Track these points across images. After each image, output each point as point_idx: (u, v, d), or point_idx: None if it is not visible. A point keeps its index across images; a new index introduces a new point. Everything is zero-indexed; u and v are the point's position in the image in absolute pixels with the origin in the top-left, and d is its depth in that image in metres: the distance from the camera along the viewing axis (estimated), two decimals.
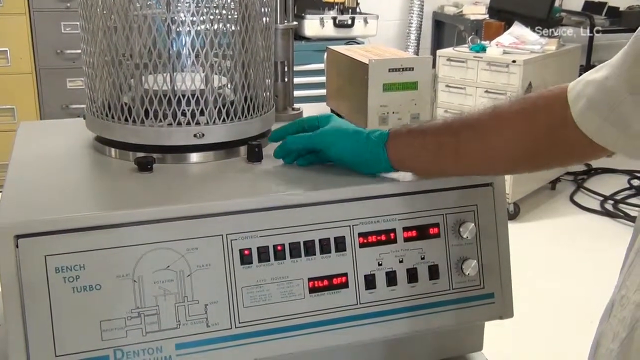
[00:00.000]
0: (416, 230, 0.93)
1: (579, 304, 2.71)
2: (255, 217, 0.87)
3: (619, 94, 0.74)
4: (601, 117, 0.76)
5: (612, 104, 0.75)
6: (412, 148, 0.91)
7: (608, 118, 0.75)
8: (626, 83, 0.73)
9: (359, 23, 4.07)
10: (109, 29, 0.97)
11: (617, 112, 0.74)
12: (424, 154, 0.90)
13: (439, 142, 0.88)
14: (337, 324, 0.89)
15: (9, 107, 3.54)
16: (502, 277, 0.98)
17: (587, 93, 0.77)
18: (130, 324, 0.81)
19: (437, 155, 0.89)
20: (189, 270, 0.83)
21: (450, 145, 0.88)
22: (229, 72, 1.00)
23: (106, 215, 0.82)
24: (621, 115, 0.74)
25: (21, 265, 0.77)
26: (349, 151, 0.93)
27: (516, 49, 3.56)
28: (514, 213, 3.58)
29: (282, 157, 0.99)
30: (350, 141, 0.92)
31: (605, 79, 0.76)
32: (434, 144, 0.89)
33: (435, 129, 0.89)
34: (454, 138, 0.87)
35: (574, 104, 0.78)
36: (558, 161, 0.87)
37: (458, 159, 0.88)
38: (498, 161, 0.88)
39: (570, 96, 0.79)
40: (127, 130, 0.99)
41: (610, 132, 0.76)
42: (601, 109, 0.76)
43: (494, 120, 0.86)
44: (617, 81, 0.74)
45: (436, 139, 0.89)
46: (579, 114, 0.78)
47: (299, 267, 0.88)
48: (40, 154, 1.05)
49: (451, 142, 0.87)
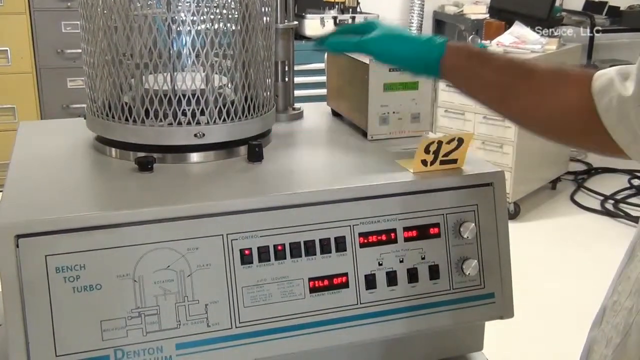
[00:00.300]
0: (416, 230, 0.93)
1: (579, 304, 2.71)
2: (255, 217, 0.87)
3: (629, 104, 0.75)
4: (618, 118, 0.77)
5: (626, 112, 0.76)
6: (468, 70, 0.90)
7: (622, 121, 0.77)
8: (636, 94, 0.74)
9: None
10: (110, 28, 0.97)
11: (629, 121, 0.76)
12: (476, 82, 0.90)
13: (493, 80, 0.88)
14: (338, 323, 0.89)
15: (10, 106, 3.54)
16: (502, 277, 0.98)
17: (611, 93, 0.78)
18: (131, 323, 0.81)
19: (486, 90, 0.90)
20: (189, 270, 0.83)
21: (502, 89, 0.88)
22: (229, 72, 1.00)
23: (106, 215, 0.82)
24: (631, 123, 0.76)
25: (22, 265, 0.77)
26: (403, 56, 0.93)
27: (517, 48, 3.55)
28: (514, 212, 3.58)
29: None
30: (404, 46, 0.92)
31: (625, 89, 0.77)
32: (490, 79, 0.89)
33: (497, 65, 0.89)
34: (510, 81, 0.87)
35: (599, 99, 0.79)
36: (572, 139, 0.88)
37: (503, 103, 0.89)
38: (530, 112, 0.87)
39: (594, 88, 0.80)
40: (128, 130, 0.99)
41: (625, 134, 0.77)
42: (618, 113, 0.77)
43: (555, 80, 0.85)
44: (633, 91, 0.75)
45: (494, 75, 0.88)
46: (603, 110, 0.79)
47: (300, 267, 0.88)
48: (41, 153, 1.05)
49: (505, 84, 0.87)
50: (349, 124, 1.22)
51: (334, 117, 1.29)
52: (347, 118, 1.23)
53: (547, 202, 3.91)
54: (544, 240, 3.45)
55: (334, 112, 1.30)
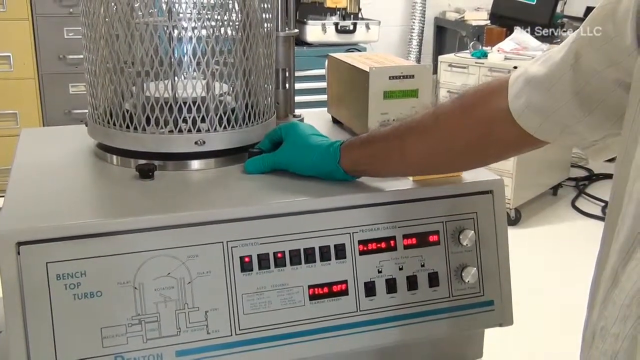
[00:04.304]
0: (416, 237, 0.94)
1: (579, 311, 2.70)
2: (255, 224, 0.87)
3: (562, 96, 0.76)
4: (543, 116, 0.79)
5: (555, 105, 0.77)
6: (364, 158, 0.94)
7: (550, 117, 0.78)
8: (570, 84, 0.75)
9: (361, 29, 4.07)
10: (111, 36, 0.97)
11: (560, 113, 0.77)
12: (374, 161, 0.93)
13: (386, 147, 0.92)
14: (337, 331, 0.90)
15: (12, 112, 3.55)
16: (501, 284, 0.98)
17: (528, 92, 0.79)
18: (131, 330, 0.81)
19: (386, 161, 0.93)
20: (189, 277, 0.84)
21: (396, 150, 0.91)
22: (230, 80, 1.00)
23: (107, 222, 0.82)
24: (563, 115, 0.77)
25: (22, 272, 0.78)
26: (307, 168, 0.96)
27: (518, 55, 3.56)
28: (515, 219, 3.58)
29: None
30: (306, 159, 0.96)
31: (545, 78, 0.78)
32: (383, 150, 0.92)
33: (383, 135, 0.92)
34: (399, 142, 0.90)
35: (513, 102, 0.81)
36: (497, 154, 0.90)
37: (405, 161, 0.92)
38: (441, 158, 0.91)
39: (510, 93, 0.81)
40: (129, 138, 0.99)
41: (552, 129, 0.79)
42: (543, 109, 0.78)
43: (433, 119, 0.89)
44: (559, 82, 0.76)
45: (384, 145, 0.92)
46: (519, 113, 0.80)
47: (299, 274, 0.88)
48: (42, 161, 1.06)
49: (396, 146, 0.91)
50: (349, 132, 1.22)
51: (334, 124, 1.30)
52: (348, 125, 1.24)
53: (548, 208, 3.91)
54: (545, 246, 3.45)
55: (334, 120, 1.30)
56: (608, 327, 0.65)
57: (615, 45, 0.69)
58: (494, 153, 0.89)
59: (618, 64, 0.69)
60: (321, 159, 0.94)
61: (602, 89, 0.73)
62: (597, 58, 0.72)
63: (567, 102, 0.76)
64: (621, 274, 0.64)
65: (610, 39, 0.69)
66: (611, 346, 0.64)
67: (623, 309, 0.63)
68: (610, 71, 0.71)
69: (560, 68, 0.77)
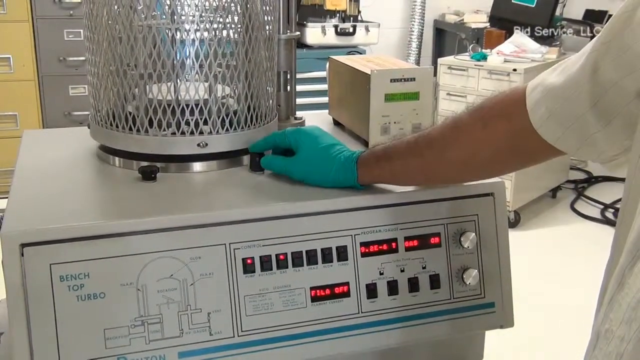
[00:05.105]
0: (417, 239, 0.94)
1: (579, 313, 2.70)
2: (257, 226, 0.87)
3: (580, 106, 0.76)
4: (563, 126, 0.78)
5: (574, 115, 0.77)
6: (383, 175, 0.94)
7: (570, 127, 0.78)
8: (588, 95, 0.75)
9: (361, 31, 4.08)
10: (114, 39, 0.98)
11: (579, 123, 0.77)
12: (394, 179, 0.94)
13: (405, 165, 0.91)
14: (339, 332, 0.90)
15: (12, 113, 3.55)
16: (502, 286, 0.98)
17: (547, 102, 0.79)
18: (134, 332, 0.82)
19: (406, 178, 0.94)
20: (192, 278, 0.84)
21: (417, 167, 0.91)
22: (232, 82, 1.01)
23: (110, 224, 0.83)
24: (582, 125, 0.77)
25: (26, 273, 0.78)
26: (324, 183, 0.95)
27: (517, 57, 3.56)
28: (514, 221, 3.59)
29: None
30: (323, 176, 0.95)
31: (564, 88, 0.78)
32: (402, 167, 0.92)
33: (401, 152, 0.92)
34: (419, 159, 0.90)
35: (534, 113, 0.80)
36: (520, 164, 0.91)
37: (426, 176, 0.93)
38: (462, 172, 0.92)
39: (529, 103, 0.81)
40: (131, 140, 0.99)
41: (572, 139, 0.79)
42: (563, 119, 0.78)
43: (454, 133, 0.88)
44: (576, 92, 0.76)
45: (403, 162, 0.91)
46: (540, 123, 0.80)
47: (301, 276, 0.89)
48: (45, 162, 1.06)
49: (417, 163, 0.91)
50: (351, 134, 1.23)
51: (336, 126, 1.30)
52: (349, 128, 1.24)
53: (547, 211, 3.91)
54: (544, 248, 3.45)
55: (335, 122, 1.31)
56: (613, 329, 0.65)
57: (633, 53, 0.69)
58: (515, 164, 0.90)
59: (636, 71, 0.69)
60: (338, 175, 0.94)
61: (620, 99, 0.73)
62: (615, 67, 0.71)
63: (586, 113, 0.76)
64: (628, 276, 0.64)
65: (628, 47, 0.69)
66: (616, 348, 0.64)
67: (629, 311, 0.63)
68: (628, 80, 0.71)
69: (578, 78, 0.76)
